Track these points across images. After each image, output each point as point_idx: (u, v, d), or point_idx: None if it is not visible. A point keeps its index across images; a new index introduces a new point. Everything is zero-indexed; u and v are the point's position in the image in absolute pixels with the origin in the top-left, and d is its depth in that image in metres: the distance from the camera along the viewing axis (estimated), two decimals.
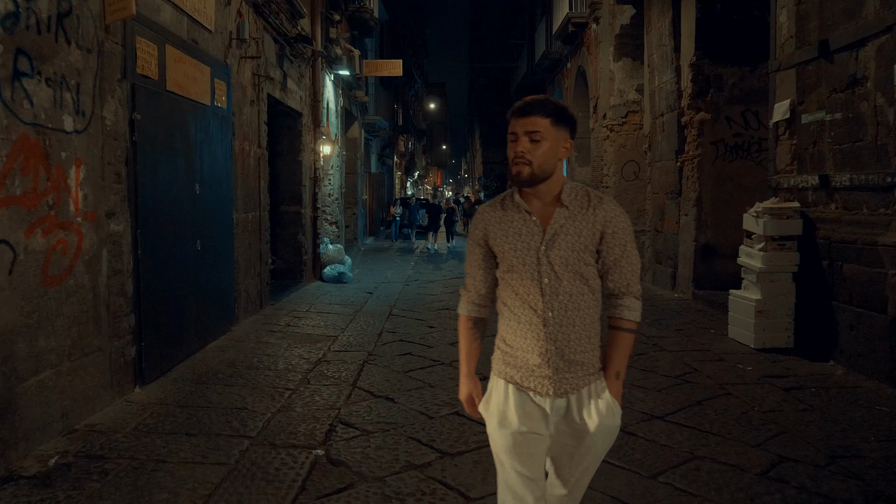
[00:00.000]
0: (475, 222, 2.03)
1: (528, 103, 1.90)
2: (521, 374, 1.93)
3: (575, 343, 1.91)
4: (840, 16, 5.72)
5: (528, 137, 1.87)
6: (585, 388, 1.91)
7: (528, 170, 1.87)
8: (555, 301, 1.89)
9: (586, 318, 1.92)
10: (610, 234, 1.92)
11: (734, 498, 3.11)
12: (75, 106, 3.90)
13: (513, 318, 1.96)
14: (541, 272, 1.90)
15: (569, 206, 1.92)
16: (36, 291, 3.53)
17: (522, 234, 1.93)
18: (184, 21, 5.54)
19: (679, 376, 5.26)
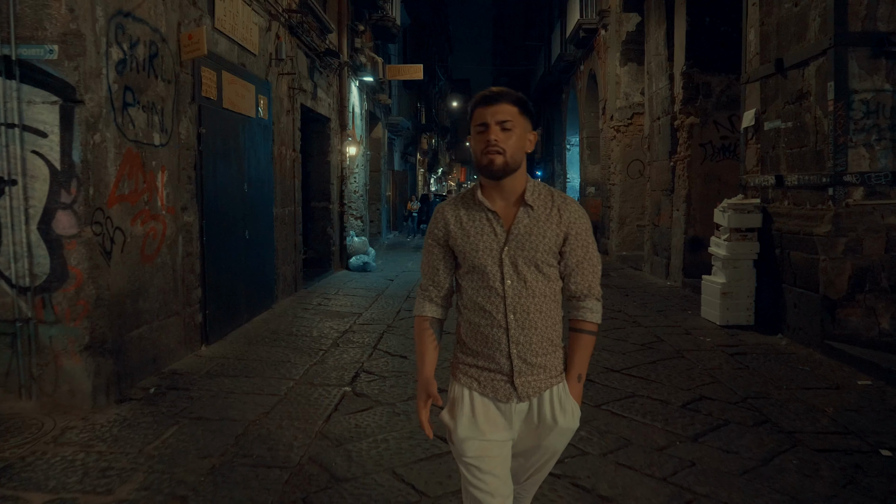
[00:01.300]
0: (435, 220, 1.98)
1: (495, 92, 1.87)
2: (482, 380, 1.90)
3: (537, 346, 1.87)
4: (792, 37, 6.67)
5: (499, 126, 1.82)
6: (547, 392, 1.89)
7: (502, 159, 1.82)
8: (517, 303, 1.86)
9: (548, 321, 1.89)
10: (573, 236, 1.89)
11: (654, 419, 4.16)
12: (161, 125, 5.07)
13: (472, 323, 1.91)
14: (503, 273, 1.86)
15: (533, 205, 1.88)
16: (137, 266, 4.71)
17: (485, 234, 1.88)
18: (235, 49, 6.71)
19: (645, 344, 6.30)
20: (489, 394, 1.89)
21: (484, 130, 1.84)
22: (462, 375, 1.94)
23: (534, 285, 1.87)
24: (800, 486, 3.24)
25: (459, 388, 1.93)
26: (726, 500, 3.08)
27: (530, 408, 1.89)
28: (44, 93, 4.03)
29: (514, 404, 1.88)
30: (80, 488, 3.13)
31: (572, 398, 1.92)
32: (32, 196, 4.09)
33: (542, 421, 1.90)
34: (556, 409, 1.89)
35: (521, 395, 1.87)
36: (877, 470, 3.44)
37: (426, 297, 2.01)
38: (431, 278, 2.00)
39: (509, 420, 1.90)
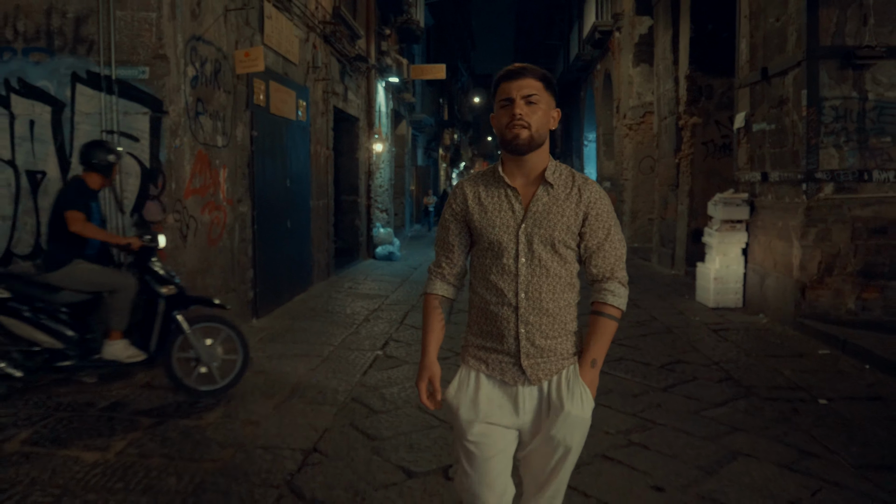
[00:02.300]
0: (454, 196, 1.96)
1: (520, 66, 1.85)
2: (490, 362, 1.87)
3: (547, 328, 1.83)
4: (775, 49, 7.42)
5: (524, 101, 1.80)
6: (556, 376, 1.85)
7: (527, 133, 1.80)
8: (529, 282, 1.82)
9: (561, 303, 1.85)
10: (594, 216, 1.86)
11: (635, 375, 5.00)
12: (222, 129, 6.02)
13: (483, 300, 1.89)
14: (518, 251, 1.83)
15: (553, 184, 1.85)
16: (205, 248, 5.67)
17: (503, 210, 1.85)
18: (280, 61, 7.64)
19: (640, 322, 7.12)
20: (497, 376, 1.86)
21: (509, 104, 1.81)
22: (471, 358, 1.91)
23: (548, 265, 1.83)
24: (742, 420, 4.07)
25: (467, 371, 1.91)
26: (679, 427, 3.92)
27: (540, 393, 1.84)
28: (137, 105, 4.99)
29: (521, 388, 1.84)
30: (178, 416, 4.07)
31: (583, 382, 1.84)
32: (127, 189, 5.05)
33: (550, 406, 1.83)
34: (563, 392, 1.82)
35: (529, 378, 1.83)
36: (810, 412, 4.26)
37: (438, 274, 1.98)
38: (446, 255, 1.96)
39: (516, 405, 1.85)
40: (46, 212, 5.03)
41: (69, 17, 4.93)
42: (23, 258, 5.16)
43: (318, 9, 9.34)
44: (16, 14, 4.95)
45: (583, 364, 1.86)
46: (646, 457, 3.50)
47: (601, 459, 3.45)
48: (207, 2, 5.61)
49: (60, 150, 5.04)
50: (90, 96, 4.97)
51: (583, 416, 1.83)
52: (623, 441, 3.72)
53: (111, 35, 4.90)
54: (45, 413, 4.02)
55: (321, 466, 3.39)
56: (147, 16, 4.90)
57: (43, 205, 5.09)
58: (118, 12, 4.88)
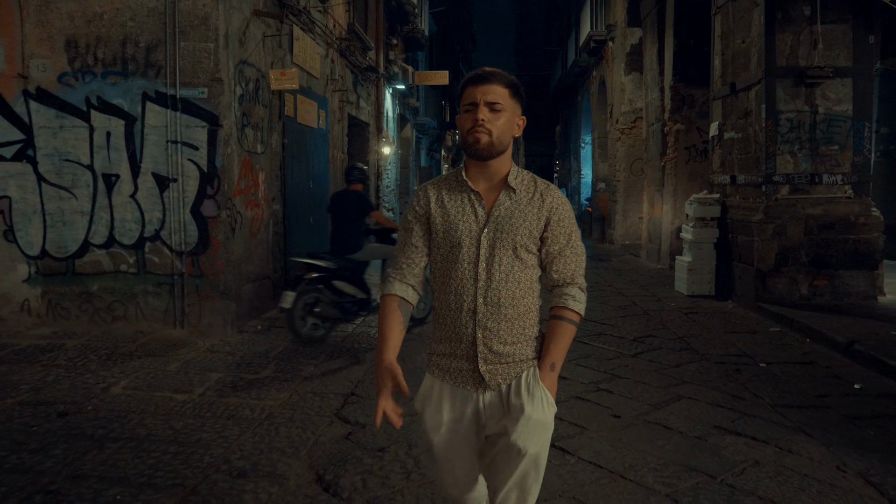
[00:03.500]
0: (417, 198, 1.95)
1: (486, 71, 1.85)
2: (451, 370, 1.87)
3: (505, 333, 1.83)
4: (741, 67, 8.41)
5: (488, 107, 1.81)
6: (515, 380, 1.84)
7: (488, 139, 1.81)
8: (488, 287, 1.82)
9: (520, 308, 1.85)
10: (556, 221, 1.86)
11: (610, 345, 6.00)
12: (261, 138, 7.02)
13: (443, 304, 1.89)
14: (479, 255, 1.82)
15: (516, 189, 1.86)
16: (248, 240, 6.67)
17: (465, 214, 1.86)
18: (305, 76, 8.64)
19: (621, 307, 8.12)
20: (459, 384, 1.86)
21: (472, 109, 1.82)
22: (434, 367, 1.92)
23: (508, 270, 1.83)
24: (691, 376, 5.07)
25: (431, 378, 1.92)
26: (639, 380, 4.92)
27: (500, 398, 1.84)
28: (196, 120, 5.99)
29: (482, 394, 1.84)
30: (238, 371, 5.07)
31: (543, 386, 1.83)
32: (187, 190, 6.05)
33: (510, 410, 1.82)
34: (523, 395, 1.81)
35: (488, 384, 1.83)
36: (749, 372, 5.25)
37: (398, 276, 1.93)
38: (407, 256, 1.93)
39: (478, 412, 1.85)
40: (120, 209, 6.08)
41: (141, 46, 5.94)
42: (98, 247, 6.17)
43: (336, 27, 10.34)
44: (96, 43, 5.96)
45: (542, 367, 1.85)
46: (610, 398, 4.51)
47: (574, 399, 4.46)
48: (251, 31, 6.62)
49: (132, 157, 6.05)
50: (157, 112, 5.98)
51: (544, 420, 1.82)
52: (593, 388, 4.73)
53: (176, 61, 5.90)
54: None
55: (358, 404, 4.39)
56: (206, 46, 5.90)
57: (116, 203, 6.11)
58: (182, 43, 5.89)
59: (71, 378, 4.76)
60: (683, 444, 3.70)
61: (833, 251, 7.57)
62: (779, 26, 7.60)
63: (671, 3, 11.60)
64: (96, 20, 5.95)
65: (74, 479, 3.16)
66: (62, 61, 6.00)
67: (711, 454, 3.57)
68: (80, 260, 6.18)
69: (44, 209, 6.15)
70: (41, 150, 6.10)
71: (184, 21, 5.88)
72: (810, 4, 7.52)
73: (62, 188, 6.12)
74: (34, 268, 6.22)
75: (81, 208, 6.13)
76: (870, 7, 7.59)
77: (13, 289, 6.23)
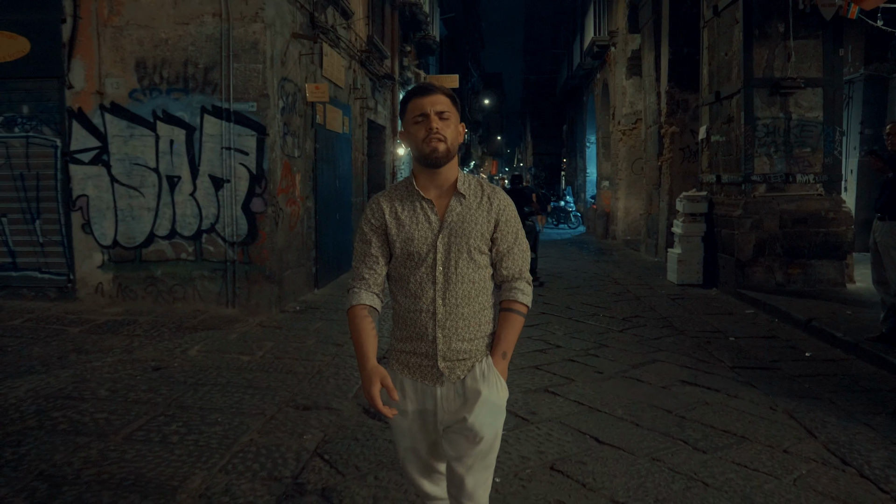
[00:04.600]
0: (372, 210, 2.02)
1: (427, 84, 1.94)
2: (412, 365, 1.98)
3: (463, 331, 1.94)
4: (725, 77, 9.33)
5: (438, 116, 1.89)
6: (471, 371, 1.96)
7: (444, 146, 1.89)
8: (446, 289, 1.92)
9: (476, 306, 1.96)
10: (504, 222, 1.97)
11: (601, 323, 6.96)
12: (298, 144, 8.02)
13: (403, 307, 1.98)
14: (436, 260, 1.92)
15: (465, 194, 1.96)
16: (287, 232, 7.67)
17: (420, 222, 1.94)
18: (332, 87, 9.63)
19: (616, 293, 9.07)
20: (417, 378, 1.96)
21: (423, 120, 1.89)
22: (394, 362, 2.02)
23: (464, 272, 1.93)
24: (667, 346, 6.03)
25: (392, 373, 2.00)
26: (622, 349, 5.89)
27: (457, 388, 1.95)
28: (247, 129, 6.99)
29: (440, 387, 1.95)
30: (286, 343, 6.06)
31: (496, 371, 1.97)
32: (238, 189, 7.06)
33: (467, 394, 1.94)
34: (479, 380, 1.94)
35: (449, 378, 1.94)
36: (719, 343, 6.19)
37: (363, 286, 2.01)
38: (369, 267, 2.01)
39: (437, 403, 1.96)
40: (181, 206, 7.10)
41: (200, 67, 6.95)
42: (162, 238, 7.20)
43: (356, 39, 11.33)
44: (162, 64, 6.98)
45: (495, 356, 1.98)
46: (596, 360, 5.48)
47: (566, 361, 5.43)
48: (290, 51, 7.62)
49: (192, 161, 7.07)
50: (213, 123, 6.99)
51: (498, 403, 1.96)
52: (583, 354, 5.70)
53: (230, 80, 6.91)
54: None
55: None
56: (255, 66, 6.91)
57: (177, 200, 7.13)
58: (235, 64, 6.90)
59: (152, 344, 5.78)
60: (650, 391, 4.67)
61: (805, 243, 8.49)
62: (756, 41, 8.52)
63: (666, 15, 12.51)
64: (162, 45, 6.97)
65: (182, 408, 4.17)
66: (133, 80, 7.02)
67: (671, 397, 4.53)
68: (147, 249, 7.20)
69: (116, 206, 7.18)
70: (114, 155, 7.13)
71: (236, 46, 6.89)
72: (784, 22, 8.43)
73: (132, 188, 7.15)
74: (107, 256, 7.26)
75: (148, 205, 7.16)
76: (839, 23, 8.49)
77: (89, 274, 7.27)
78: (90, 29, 6.99)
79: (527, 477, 3.26)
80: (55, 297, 7.34)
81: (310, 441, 3.71)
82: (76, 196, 7.23)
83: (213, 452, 3.51)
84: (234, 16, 6.87)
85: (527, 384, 4.79)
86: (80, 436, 3.68)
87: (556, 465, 3.41)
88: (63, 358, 5.30)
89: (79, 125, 7.14)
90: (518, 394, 4.53)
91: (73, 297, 7.32)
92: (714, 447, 3.66)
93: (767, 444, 3.72)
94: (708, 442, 3.74)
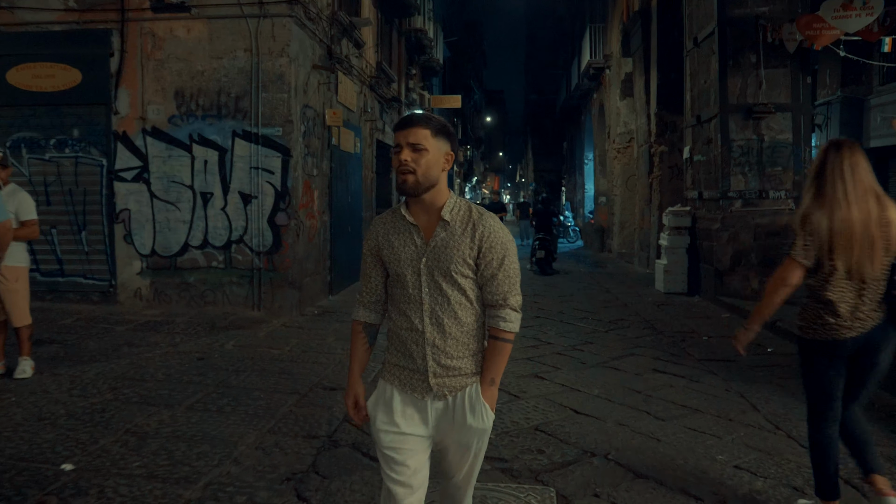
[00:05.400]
0: (370, 233, 2.16)
1: (409, 117, 2.03)
2: (403, 379, 2.07)
3: (451, 349, 2.03)
4: (704, 102, 10.19)
5: (410, 148, 1.97)
6: (460, 392, 2.05)
7: (413, 178, 1.97)
8: (433, 310, 2.02)
9: (462, 327, 2.04)
10: (487, 249, 2.02)
11: (590, 325, 7.75)
12: (316, 164, 8.88)
13: (396, 326, 2.09)
14: (422, 282, 2.02)
15: (450, 220, 2.03)
16: (307, 243, 8.50)
17: (407, 246, 2.05)
18: (345, 111, 10.52)
19: (605, 301, 9.87)
20: (408, 391, 2.06)
21: (398, 151, 1.99)
22: (387, 374, 2.12)
23: (448, 294, 2.02)
24: (646, 343, 6.81)
25: (384, 384, 2.11)
26: (605, 345, 6.68)
27: (446, 406, 2.05)
28: (273, 151, 7.85)
29: (429, 402, 2.04)
30: (309, 340, 6.86)
31: (483, 401, 2.05)
32: (264, 204, 7.90)
33: (455, 420, 2.05)
34: (466, 410, 2.03)
35: (436, 394, 2.03)
36: (693, 342, 6.97)
37: (362, 302, 2.18)
38: (366, 284, 2.17)
39: (426, 416, 2.05)
40: (213, 219, 7.94)
41: (232, 95, 7.83)
42: (195, 248, 8.03)
43: (367, 66, 12.24)
44: (198, 93, 7.86)
45: (483, 383, 2.06)
46: (581, 354, 6.28)
47: (554, 355, 6.24)
48: (311, 81, 8.51)
49: (223, 179, 7.92)
50: (243, 145, 7.86)
51: (484, 428, 2.07)
52: (570, 349, 6.51)
53: (258, 107, 7.79)
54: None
55: None
56: (281, 96, 7.79)
57: (210, 214, 7.97)
58: (263, 93, 7.78)
59: (192, 340, 6.59)
60: (624, 377, 5.47)
61: (778, 253, 9.27)
62: (731, 71, 9.39)
63: (655, 44, 13.42)
64: (198, 76, 7.86)
65: (229, 387, 4.97)
66: (172, 107, 7.90)
67: (642, 381, 5.33)
68: (181, 257, 8.04)
69: (154, 219, 8.03)
70: (153, 173, 8.00)
71: (265, 77, 7.77)
72: (756, 53, 9.30)
73: (169, 203, 8.01)
74: (145, 263, 8.09)
75: (183, 218, 8.01)
76: (806, 54, 9.36)
77: (129, 279, 8.11)
78: (135, 62, 7.89)
79: (515, 434, 4.06)
80: (98, 301, 8.16)
81: (338, 412, 4.50)
82: (119, 210, 8.09)
83: (260, 418, 4.31)
84: (262, 51, 7.76)
85: (519, 371, 5.59)
86: (150, 406, 4.49)
87: (539, 427, 4.21)
88: (117, 350, 6.11)
89: (123, 147, 8.01)
90: (511, 378, 5.33)
91: (114, 300, 8.14)
92: (671, 416, 4.46)
93: (716, 415, 4.51)
94: (667, 413, 4.53)
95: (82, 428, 4.02)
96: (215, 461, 3.58)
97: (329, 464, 3.60)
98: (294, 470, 3.50)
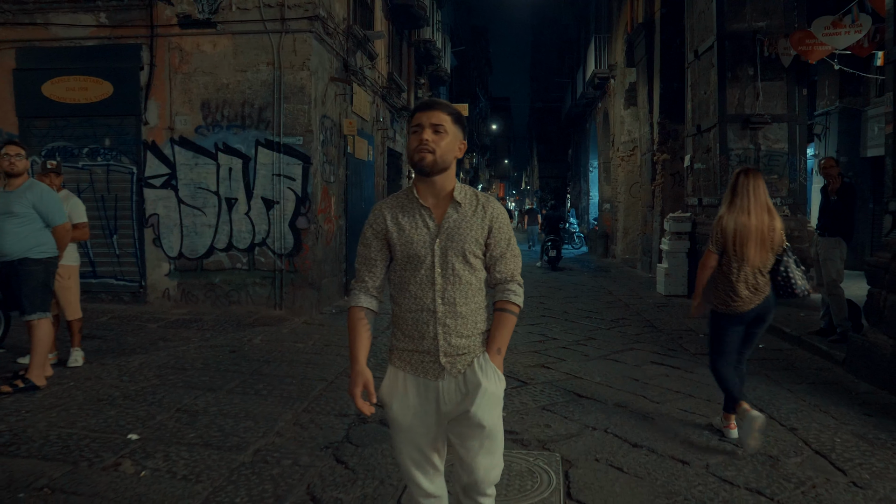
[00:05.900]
0: (375, 217, 2.16)
1: (432, 100, 2.09)
2: (414, 362, 2.10)
3: (461, 328, 2.07)
4: (704, 112, 10.65)
5: (432, 129, 2.03)
6: (469, 367, 2.09)
7: (432, 157, 2.02)
8: (445, 290, 2.06)
9: (472, 306, 2.10)
10: (497, 229, 2.11)
11: (593, 322, 8.19)
12: (333, 171, 9.37)
13: (404, 308, 2.10)
14: (435, 264, 2.05)
15: (461, 202, 2.09)
16: (325, 246, 8.98)
17: (419, 228, 2.08)
18: (359, 120, 11.02)
19: (609, 302, 10.31)
20: (420, 374, 2.09)
21: (419, 130, 2.05)
22: (397, 360, 2.14)
23: (461, 274, 2.07)
24: (646, 339, 7.25)
25: (394, 371, 2.14)
26: (607, 340, 7.13)
27: (457, 382, 2.08)
28: (294, 159, 8.35)
29: (441, 382, 2.08)
30: (329, 336, 7.32)
31: (493, 365, 2.10)
32: (286, 209, 8.39)
33: (468, 387, 2.08)
34: (478, 373, 2.08)
35: (449, 372, 2.07)
36: (689, 338, 7.40)
37: (363, 288, 2.18)
38: (369, 269, 2.17)
39: (439, 396, 2.08)
40: (237, 223, 8.43)
41: (255, 107, 8.34)
42: (220, 250, 8.52)
43: (379, 77, 12.76)
44: (223, 105, 8.37)
45: (490, 352, 2.11)
46: (584, 349, 6.73)
47: (560, 348, 6.68)
48: (328, 93, 9.02)
49: (247, 185, 8.42)
50: (266, 154, 8.36)
51: (497, 393, 2.10)
52: (574, 343, 6.95)
53: (281, 118, 8.28)
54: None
55: None
56: (302, 107, 8.29)
57: (234, 218, 8.46)
58: (285, 104, 8.28)
59: (222, 335, 7.07)
60: (624, 368, 5.91)
61: None
62: (729, 83, 9.85)
63: (658, 54, 13.89)
64: (223, 89, 8.37)
65: (262, 375, 5.44)
66: (198, 117, 8.41)
67: (640, 371, 5.77)
68: (207, 259, 8.53)
69: (182, 223, 8.53)
70: (181, 180, 8.50)
71: (286, 89, 8.27)
72: (753, 66, 9.76)
73: (195, 208, 8.50)
74: (173, 265, 8.58)
75: (209, 222, 8.50)
76: (802, 67, 9.81)
77: (158, 281, 8.60)
78: (164, 75, 8.40)
79: (525, 413, 4.52)
80: (128, 301, 8.66)
81: None
82: (148, 215, 8.59)
83: (294, 400, 4.77)
84: (284, 65, 8.27)
85: (527, 362, 6.04)
86: (194, 389, 4.96)
87: (546, 407, 4.67)
88: (154, 344, 6.59)
89: (152, 155, 8.52)
90: (520, 368, 5.78)
91: (143, 300, 8.63)
92: (665, 400, 4.90)
93: (706, 399, 4.96)
94: (662, 397, 4.98)
95: (139, 406, 4.50)
96: (260, 433, 4.05)
97: (361, 435, 4.06)
98: (330, 440, 3.96)
